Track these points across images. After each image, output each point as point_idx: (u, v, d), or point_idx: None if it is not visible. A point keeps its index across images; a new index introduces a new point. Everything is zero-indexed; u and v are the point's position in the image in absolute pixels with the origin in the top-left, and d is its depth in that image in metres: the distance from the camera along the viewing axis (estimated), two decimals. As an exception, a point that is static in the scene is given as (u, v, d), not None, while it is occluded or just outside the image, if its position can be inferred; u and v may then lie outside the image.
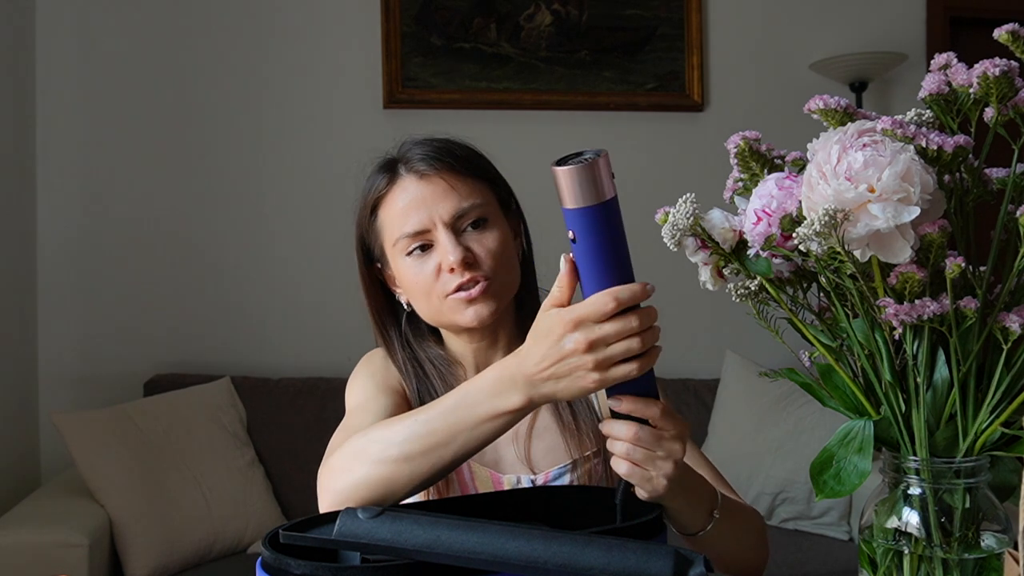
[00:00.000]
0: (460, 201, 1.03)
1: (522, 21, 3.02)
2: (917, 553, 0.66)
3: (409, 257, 1.03)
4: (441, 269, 1.02)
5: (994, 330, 0.64)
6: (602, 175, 0.69)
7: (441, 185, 1.03)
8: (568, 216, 0.70)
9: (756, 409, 2.67)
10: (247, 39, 2.92)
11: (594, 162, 0.68)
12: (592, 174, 0.68)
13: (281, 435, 2.59)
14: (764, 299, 0.73)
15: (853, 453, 0.68)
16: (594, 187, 0.68)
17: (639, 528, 0.72)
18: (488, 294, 1.02)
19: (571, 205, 0.69)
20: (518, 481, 1.06)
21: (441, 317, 1.04)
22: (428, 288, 1.03)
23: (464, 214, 1.03)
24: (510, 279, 1.06)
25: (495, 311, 1.03)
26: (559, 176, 0.69)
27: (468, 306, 1.01)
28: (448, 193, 1.03)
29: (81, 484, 2.26)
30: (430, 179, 1.03)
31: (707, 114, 3.11)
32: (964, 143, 0.66)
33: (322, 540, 0.63)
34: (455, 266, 1.00)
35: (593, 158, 0.68)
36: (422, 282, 1.03)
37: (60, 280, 2.83)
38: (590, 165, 0.68)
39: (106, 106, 2.85)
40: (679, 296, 2.65)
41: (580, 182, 0.68)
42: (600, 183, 0.69)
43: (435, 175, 1.04)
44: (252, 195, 2.92)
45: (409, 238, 1.02)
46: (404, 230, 1.03)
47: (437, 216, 1.02)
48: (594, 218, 0.69)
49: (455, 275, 1.01)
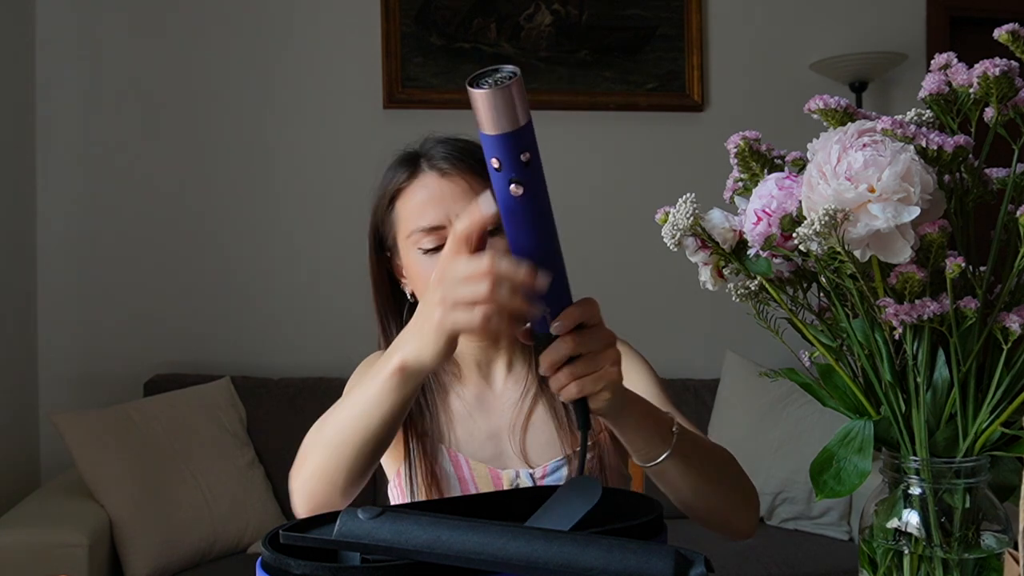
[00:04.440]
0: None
1: (522, 21, 3.02)
2: (917, 553, 0.66)
3: (421, 252, 1.04)
4: None
5: (994, 330, 0.64)
6: (523, 94, 0.63)
7: (461, 185, 1.04)
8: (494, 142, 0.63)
9: (756, 409, 2.67)
10: (248, 39, 2.92)
11: (517, 80, 0.62)
12: (518, 93, 0.62)
13: (281, 435, 2.58)
14: (764, 299, 0.73)
15: (853, 453, 0.68)
16: (523, 107, 0.62)
17: (639, 528, 0.72)
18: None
19: (498, 131, 0.62)
20: (516, 475, 1.08)
21: None
22: None
23: None
24: None
25: None
26: (485, 99, 0.62)
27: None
28: (467, 194, 1.03)
29: (81, 484, 2.26)
30: (451, 178, 1.04)
31: (707, 114, 3.11)
32: (964, 143, 0.66)
33: (322, 540, 0.63)
34: None
35: (513, 75, 0.62)
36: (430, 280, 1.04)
37: (60, 280, 2.83)
38: (515, 83, 0.61)
39: (106, 106, 2.85)
40: (679, 296, 2.66)
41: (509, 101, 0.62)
42: (524, 104, 0.62)
43: (456, 175, 1.04)
44: (252, 195, 2.92)
45: (424, 232, 1.03)
46: (420, 224, 1.04)
47: (454, 215, 1.02)
48: (527, 139, 0.63)
49: None
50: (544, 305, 0.71)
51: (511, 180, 0.64)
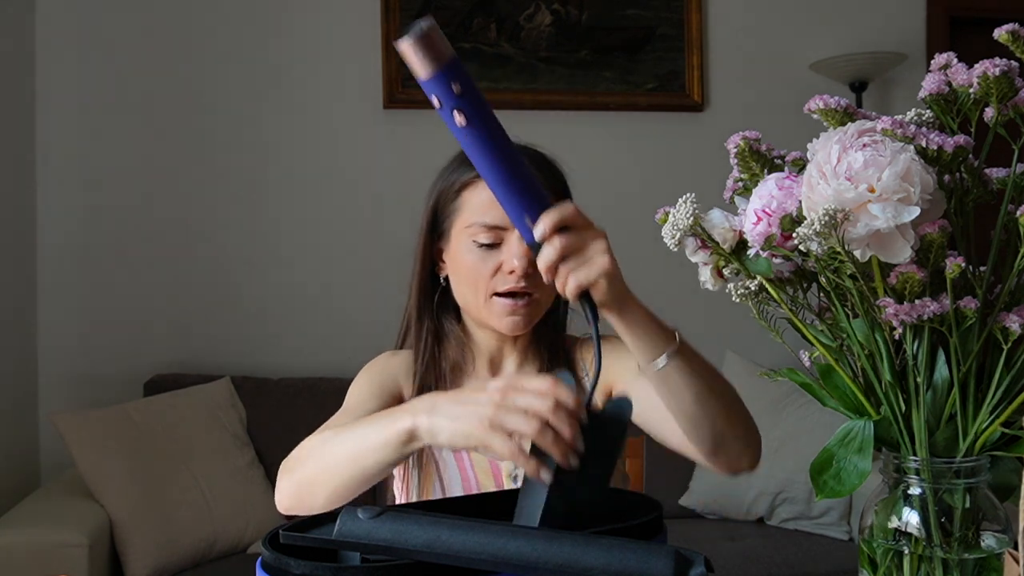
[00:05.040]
0: None
1: (522, 21, 3.02)
2: (917, 553, 0.66)
3: (475, 244, 1.07)
4: (501, 269, 1.07)
5: (994, 330, 0.64)
6: (442, 38, 0.71)
7: None
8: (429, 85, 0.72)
9: (756, 409, 2.64)
10: (248, 39, 2.92)
11: (432, 27, 0.70)
12: (437, 37, 0.70)
13: (281, 435, 2.58)
14: (764, 299, 0.73)
15: (853, 453, 0.68)
16: (445, 47, 0.71)
17: (639, 528, 0.72)
18: (530, 310, 1.08)
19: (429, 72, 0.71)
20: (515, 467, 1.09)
21: (478, 311, 1.09)
22: (480, 281, 1.07)
23: None
24: (550, 299, 1.12)
25: (530, 325, 1.09)
26: (409, 48, 0.70)
27: (510, 315, 1.07)
28: None
29: (81, 484, 2.25)
30: None
31: (707, 114, 3.10)
32: (964, 143, 0.66)
33: (322, 540, 0.63)
34: (516, 271, 1.05)
35: (429, 25, 0.70)
36: (477, 273, 1.07)
37: (60, 280, 2.82)
38: (431, 29, 0.70)
39: (106, 106, 2.85)
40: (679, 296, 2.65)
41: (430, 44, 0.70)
42: (445, 44, 0.71)
43: None
44: (252, 195, 2.92)
45: (485, 228, 1.07)
46: (483, 219, 1.07)
47: None
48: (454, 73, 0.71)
49: (511, 279, 1.06)
50: (527, 216, 0.76)
51: (452, 110, 0.72)
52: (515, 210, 0.76)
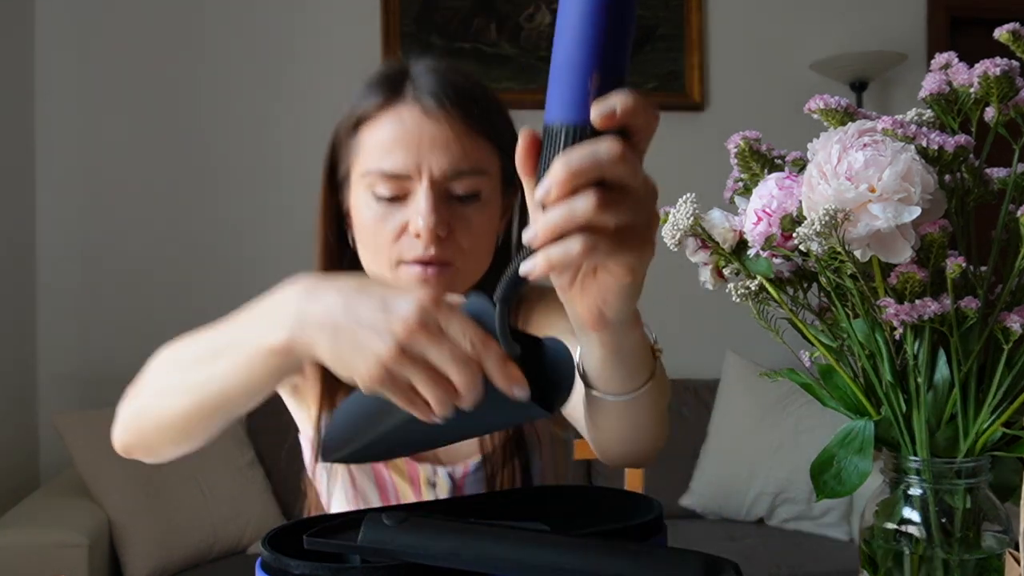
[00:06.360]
0: (461, 160, 0.85)
1: (522, 21, 3.01)
2: (918, 554, 0.66)
3: (374, 199, 0.86)
4: (406, 231, 0.85)
5: (995, 330, 0.64)
6: None
7: (445, 132, 0.84)
8: None
9: (756, 409, 2.67)
10: (247, 40, 2.92)
11: None
12: None
13: (281, 435, 2.57)
14: (764, 299, 0.73)
15: (853, 453, 0.68)
16: None
17: (639, 528, 0.72)
18: (447, 280, 0.85)
19: None
20: (434, 473, 0.97)
21: (384, 282, 0.87)
22: (382, 245, 0.86)
23: (459, 177, 0.85)
24: (478, 268, 0.90)
25: None
26: None
27: (418, 287, 0.79)
28: (450, 145, 0.84)
29: (81, 484, 2.25)
30: (435, 119, 0.84)
31: (707, 114, 3.10)
32: (965, 143, 0.66)
33: (349, 547, 0.63)
34: (423, 234, 0.83)
35: None
36: (378, 235, 0.86)
37: (60, 280, 2.82)
38: None
39: (106, 106, 2.85)
40: (679, 296, 2.65)
41: None
42: None
43: (443, 117, 0.85)
44: (253, 196, 2.92)
45: (382, 176, 0.84)
46: (380, 165, 0.84)
47: (426, 166, 0.84)
48: None
49: (418, 243, 0.84)
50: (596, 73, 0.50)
51: None
52: (584, 58, 0.50)
